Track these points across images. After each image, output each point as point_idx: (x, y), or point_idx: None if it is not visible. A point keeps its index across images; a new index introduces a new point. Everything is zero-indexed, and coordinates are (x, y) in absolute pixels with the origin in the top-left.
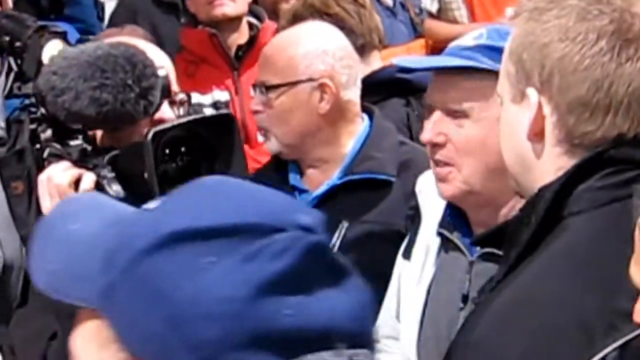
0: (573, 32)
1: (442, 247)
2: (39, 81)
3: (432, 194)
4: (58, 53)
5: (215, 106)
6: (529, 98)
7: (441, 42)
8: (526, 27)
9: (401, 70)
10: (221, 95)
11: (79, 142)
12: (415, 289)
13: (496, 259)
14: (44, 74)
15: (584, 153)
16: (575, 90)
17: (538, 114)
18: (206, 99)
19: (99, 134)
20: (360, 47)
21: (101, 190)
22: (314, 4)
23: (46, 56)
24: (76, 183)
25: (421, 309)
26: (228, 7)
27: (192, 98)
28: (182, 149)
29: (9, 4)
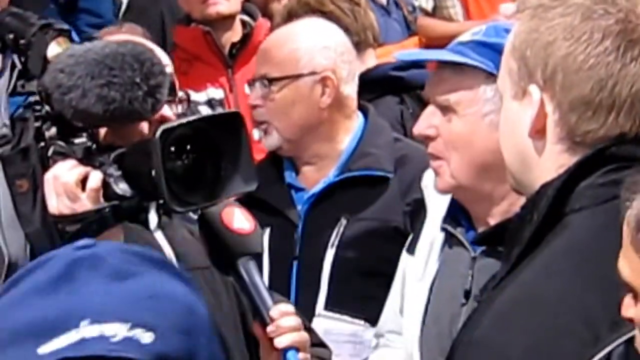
0: (578, 31)
1: (446, 242)
2: (45, 79)
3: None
4: (64, 51)
5: (210, 104)
6: (532, 95)
7: (435, 40)
8: (530, 24)
9: (395, 68)
10: (216, 93)
11: (84, 140)
12: (419, 285)
13: (499, 255)
14: (50, 71)
15: (586, 151)
16: (579, 89)
17: (540, 112)
18: (200, 97)
19: (102, 131)
20: (355, 45)
21: (108, 188)
22: (308, 2)
23: (51, 54)
24: (83, 182)
25: (424, 304)
26: (222, 5)
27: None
28: (188, 146)
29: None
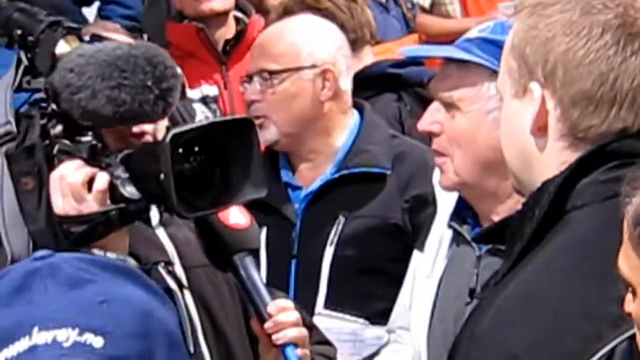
0: (577, 27)
1: (453, 240)
2: (53, 77)
3: None
4: (73, 49)
5: (204, 101)
6: (532, 92)
7: (434, 37)
8: (529, 22)
9: (393, 66)
10: (210, 90)
11: (89, 138)
12: (427, 282)
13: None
14: (59, 70)
15: (588, 147)
16: (580, 84)
17: (541, 109)
18: (194, 94)
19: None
20: (352, 42)
21: (114, 190)
22: None
23: (59, 52)
24: (89, 182)
25: (432, 301)
26: (216, 2)
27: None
28: (195, 148)
29: None
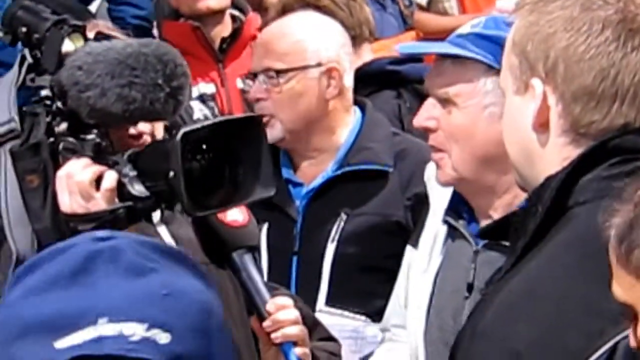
0: (578, 23)
1: (448, 235)
2: (61, 75)
3: None
4: (81, 48)
5: (202, 99)
6: (534, 89)
7: (432, 34)
8: (530, 19)
9: (392, 62)
10: (207, 88)
11: (93, 136)
12: (423, 277)
13: (501, 248)
14: (67, 68)
15: (590, 142)
16: (581, 80)
17: (543, 105)
18: (192, 92)
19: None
20: (351, 39)
21: (122, 189)
22: None
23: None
24: (97, 181)
25: (428, 297)
26: (212, 0)
27: None
28: (203, 146)
29: None
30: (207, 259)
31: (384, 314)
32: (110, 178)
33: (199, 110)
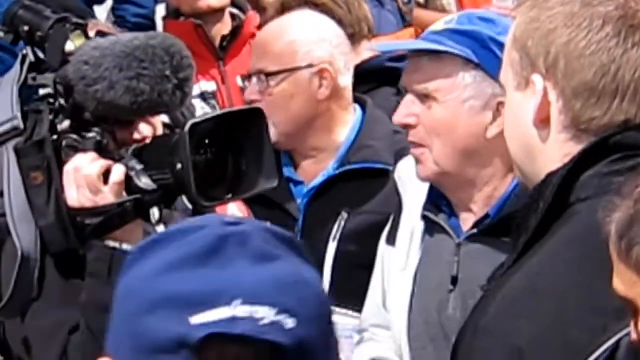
0: (579, 18)
1: (426, 231)
2: (67, 70)
3: (413, 178)
4: (87, 43)
5: (203, 97)
6: (535, 85)
7: None
8: (531, 15)
9: (391, 60)
10: (208, 86)
11: (94, 134)
12: (402, 275)
13: (484, 240)
14: (74, 63)
15: (591, 139)
16: (582, 75)
17: (544, 101)
18: (193, 90)
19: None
20: (350, 37)
21: (130, 182)
22: None
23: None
24: (104, 175)
25: (409, 295)
26: None
27: None
28: (206, 140)
29: None
30: None
31: None
32: (119, 171)
33: (200, 109)
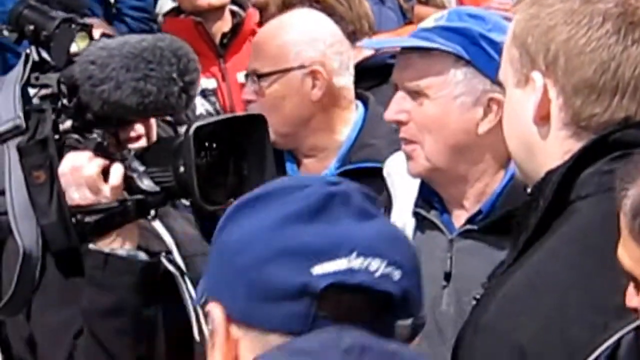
0: (578, 15)
1: (417, 228)
2: (73, 70)
3: (403, 175)
4: (93, 44)
5: (203, 94)
6: (534, 82)
7: None
8: (530, 12)
9: (393, 56)
10: (208, 83)
11: (95, 135)
12: None
13: (476, 236)
14: (80, 63)
15: (591, 136)
16: (581, 72)
17: (544, 97)
18: None
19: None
20: (351, 34)
21: (131, 182)
22: None
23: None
24: (104, 173)
25: None
26: None
27: None
28: (206, 144)
29: None
30: (203, 249)
31: None
32: (118, 170)
33: (200, 105)
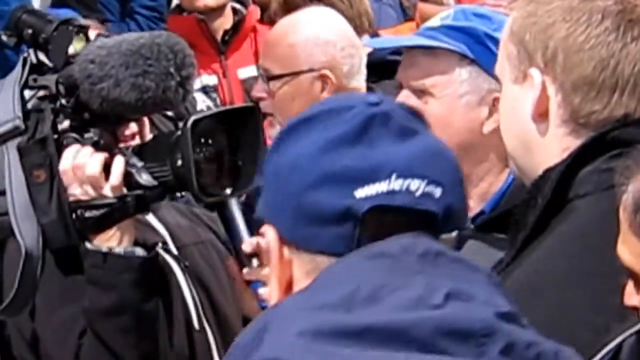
0: (577, 12)
1: None
2: (72, 70)
3: None
4: (92, 43)
5: (205, 90)
6: (533, 78)
7: None
8: (528, 9)
9: (393, 53)
10: (209, 80)
11: (91, 135)
12: None
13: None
14: (79, 62)
15: (590, 133)
16: (581, 69)
17: (542, 94)
18: (195, 84)
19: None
20: None
21: (130, 178)
22: None
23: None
24: (105, 169)
25: None
26: None
27: None
28: (202, 139)
29: None
30: (197, 238)
31: None
32: (119, 163)
33: (201, 102)
